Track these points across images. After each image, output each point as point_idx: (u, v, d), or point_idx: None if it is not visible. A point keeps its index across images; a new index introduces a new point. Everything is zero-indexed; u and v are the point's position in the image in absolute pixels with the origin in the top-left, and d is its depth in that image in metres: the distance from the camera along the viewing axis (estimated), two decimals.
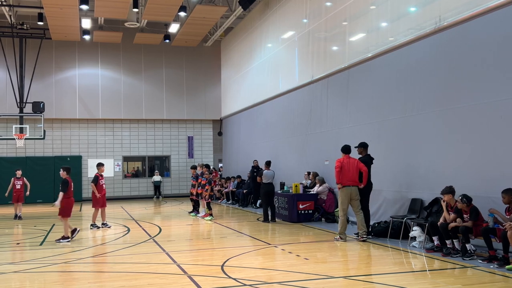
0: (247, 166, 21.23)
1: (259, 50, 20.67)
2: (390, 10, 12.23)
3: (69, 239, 11.39)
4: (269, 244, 10.66)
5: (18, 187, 16.98)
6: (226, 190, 22.49)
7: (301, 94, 16.69)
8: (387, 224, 10.98)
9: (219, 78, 27.03)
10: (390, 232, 10.71)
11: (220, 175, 25.65)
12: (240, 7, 20.03)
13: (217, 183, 24.45)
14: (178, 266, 8.34)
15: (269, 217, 14.53)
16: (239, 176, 21.70)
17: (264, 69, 20.11)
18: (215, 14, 21.77)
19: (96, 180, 13.74)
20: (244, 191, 19.94)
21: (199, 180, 16.18)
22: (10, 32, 22.64)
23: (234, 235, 12.15)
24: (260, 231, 12.81)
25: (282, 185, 15.68)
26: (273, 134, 19.13)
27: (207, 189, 15.64)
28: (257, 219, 15.32)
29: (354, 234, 11.00)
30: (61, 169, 11.72)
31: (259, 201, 18.19)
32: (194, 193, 16.66)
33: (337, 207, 13.44)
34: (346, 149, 10.95)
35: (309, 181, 15.42)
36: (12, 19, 22.34)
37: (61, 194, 11.37)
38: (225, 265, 8.28)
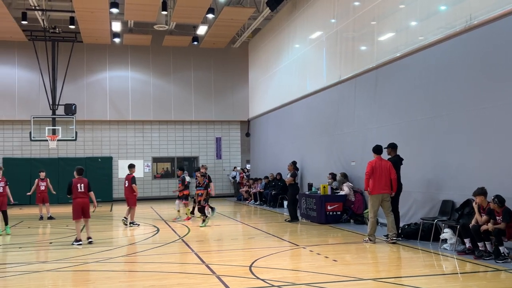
0: (274, 167, 21.22)
1: (287, 50, 20.65)
2: (420, 9, 12.06)
3: (81, 242, 11.07)
4: (297, 245, 10.64)
5: (42, 188, 17.23)
6: (253, 191, 22.55)
7: (329, 94, 16.60)
8: (417, 226, 10.82)
9: (247, 79, 27.10)
10: (420, 234, 10.54)
11: (248, 176, 25.72)
12: (268, 8, 20.06)
13: (244, 183, 24.56)
14: (207, 266, 8.40)
15: (298, 217, 14.61)
16: (266, 177, 21.72)
17: (291, 70, 20.08)
18: (242, 16, 21.86)
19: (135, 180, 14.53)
20: (273, 192, 19.95)
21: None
22: (43, 36, 23.20)
23: (262, 236, 12.16)
24: (287, 232, 12.80)
25: (310, 186, 15.63)
26: (301, 135, 19.08)
27: (201, 194, 14.49)
28: (285, 220, 15.30)
29: (384, 236, 10.87)
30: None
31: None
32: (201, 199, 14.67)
33: (366, 208, 13.33)
34: (378, 150, 10.79)
35: (334, 183, 15.19)
36: (45, 23, 22.88)
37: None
38: (253, 265, 8.30)
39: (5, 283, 7.75)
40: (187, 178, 16.12)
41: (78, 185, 11.32)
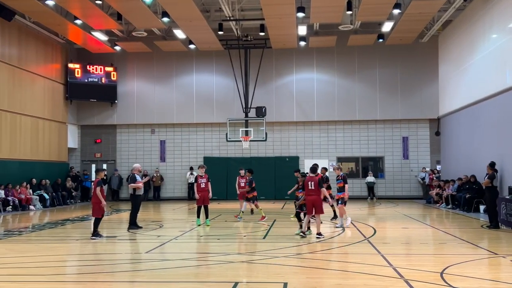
0: (468, 168, 19.70)
1: (482, 42, 18.98)
2: None
3: (322, 236, 11.74)
4: (496, 254, 9.73)
5: (242, 184, 18.49)
6: (445, 193, 21.22)
7: None
8: None
9: (436, 75, 25.59)
10: None
11: (438, 177, 24.31)
12: None
13: (434, 185, 23.25)
14: (394, 269, 8.17)
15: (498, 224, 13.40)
16: (460, 179, 20.25)
17: (487, 62, 18.40)
18: (432, 8, 20.72)
19: None
20: (467, 195, 18.51)
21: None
22: (237, 44, 25.18)
23: (454, 242, 11.39)
24: (484, 239, 11.80)
25: (511, 190, 14.15)
26: (499, 133, 17.35)
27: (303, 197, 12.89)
28: (481, 226, 14.10)
29: None
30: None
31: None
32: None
33: None
34: None
35: None
36: (238, 32, 24.73)
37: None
38: (444, 272, 7.83)
39: (208, 270, 8.69)
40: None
41: (309, 182, 11.96)
